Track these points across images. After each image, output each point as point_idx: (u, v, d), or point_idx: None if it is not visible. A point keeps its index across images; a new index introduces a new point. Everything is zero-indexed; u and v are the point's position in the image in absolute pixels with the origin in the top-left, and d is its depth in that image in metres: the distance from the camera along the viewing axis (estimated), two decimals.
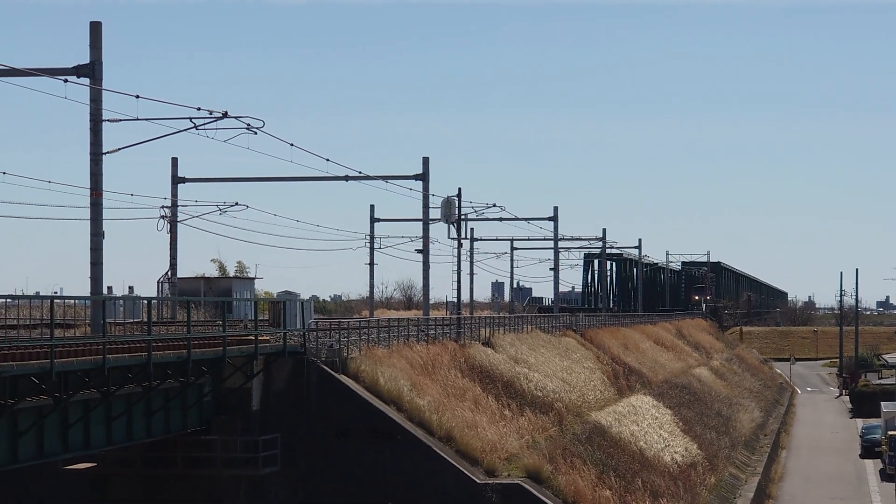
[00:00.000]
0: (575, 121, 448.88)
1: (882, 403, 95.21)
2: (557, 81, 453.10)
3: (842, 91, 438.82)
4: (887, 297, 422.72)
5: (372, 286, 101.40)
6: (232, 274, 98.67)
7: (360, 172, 67.35)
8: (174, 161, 70.63)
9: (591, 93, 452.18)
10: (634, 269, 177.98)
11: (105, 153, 44.57)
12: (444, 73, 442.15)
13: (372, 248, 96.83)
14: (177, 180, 70.57)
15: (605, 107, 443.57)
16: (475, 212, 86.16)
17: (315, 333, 47.68)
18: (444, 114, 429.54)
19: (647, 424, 68.89)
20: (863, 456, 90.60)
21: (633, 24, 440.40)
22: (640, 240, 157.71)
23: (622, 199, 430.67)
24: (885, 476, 79.58)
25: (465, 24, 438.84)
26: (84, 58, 43.25)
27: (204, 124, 47.79)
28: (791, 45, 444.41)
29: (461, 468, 44.15)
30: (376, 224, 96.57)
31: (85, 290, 45.02)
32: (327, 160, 59.97)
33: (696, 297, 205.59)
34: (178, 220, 70.51)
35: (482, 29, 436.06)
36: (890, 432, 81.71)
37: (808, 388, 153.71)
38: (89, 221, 44.37)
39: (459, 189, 72.56)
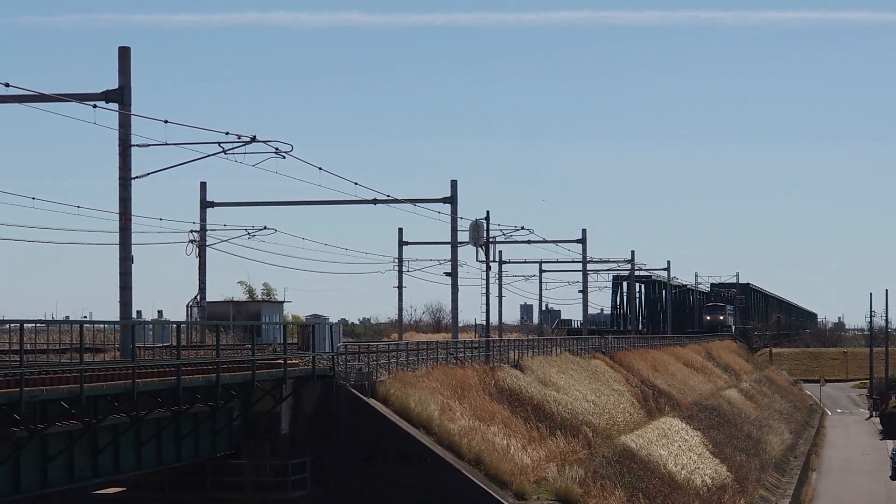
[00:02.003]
0: (603, 143, 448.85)
1: None
2: (585, 104, 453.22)
3: (872, 110, 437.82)
4: None
5: (401, 309, 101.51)
6: (259, 297, 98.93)
7: (388, 196, 67.46)
8: (203, 185, 70.96)
9: (619, 115, 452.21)
10: (663, 291, 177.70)
11: (134, 178, 44.74)
12: (472, 97, 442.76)
13: (400, 272, 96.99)
14: (205, 204, 70.85)
15: (633, 129, 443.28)
16: (503, 234, 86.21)
17: (344, 357, 47.63)
18: (472, 137, 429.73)
19: (677, 447, 68.66)
20: (893, 478, 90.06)
21: (661, 46, 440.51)
22: (668, 262, 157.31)
23: (651, 221, 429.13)
24: None
25: (492, 48, 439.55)
26: (113, 83, 43.43)
27: (232, 149, 47.99)
28: (821, 65, 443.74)
29: (491, 491, 44.02)
30: (405, 247, 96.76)
31: (114, 314, 45.19)
32: (355, 184, 60.14)
33: (708, 318, 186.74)
34: (207, 244, 70.82)
35: (510, 52, 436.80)
36: None
37: (839, 410, 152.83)
38: (118, 246, 44.56)
39: (487, 212, 72.70)
